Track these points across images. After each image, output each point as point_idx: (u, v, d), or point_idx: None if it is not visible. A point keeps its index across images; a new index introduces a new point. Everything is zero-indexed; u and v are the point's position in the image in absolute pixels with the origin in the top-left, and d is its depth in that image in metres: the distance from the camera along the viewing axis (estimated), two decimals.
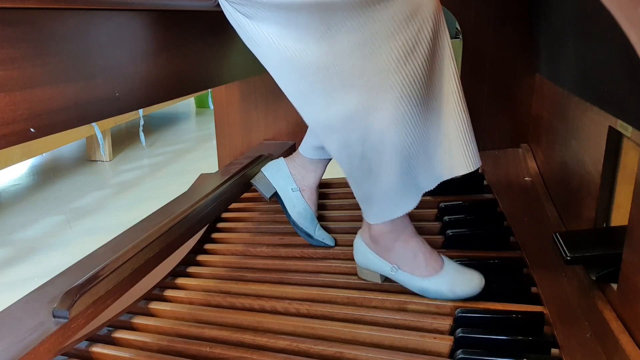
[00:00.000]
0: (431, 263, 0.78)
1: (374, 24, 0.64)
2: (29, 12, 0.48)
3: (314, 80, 0.67)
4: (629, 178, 0.68)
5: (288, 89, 0.70)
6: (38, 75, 0.49)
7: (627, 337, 0.55)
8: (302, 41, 0.65)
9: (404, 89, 0.66)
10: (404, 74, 0.66)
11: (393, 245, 0.79)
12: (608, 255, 0.63)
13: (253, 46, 0.69)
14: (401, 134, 0.68)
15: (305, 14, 0.63)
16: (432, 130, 0.71)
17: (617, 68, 0.59)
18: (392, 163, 0.70)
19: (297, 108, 0.71)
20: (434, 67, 0.69)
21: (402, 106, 0.67)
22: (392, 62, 0.65)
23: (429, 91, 0.69)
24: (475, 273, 0.77)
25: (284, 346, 0.72)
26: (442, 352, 0.69)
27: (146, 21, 0.67)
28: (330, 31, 0.64)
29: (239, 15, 0.67)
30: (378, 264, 0.82)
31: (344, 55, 0.65)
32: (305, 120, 0.72)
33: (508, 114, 1.26)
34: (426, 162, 0.72)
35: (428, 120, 0.70)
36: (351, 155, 0.71)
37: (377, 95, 0.66)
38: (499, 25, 1.20)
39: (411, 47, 0.65)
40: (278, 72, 0.69)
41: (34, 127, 0.50)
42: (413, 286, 0.79)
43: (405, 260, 0.79)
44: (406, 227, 0.79)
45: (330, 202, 1.18)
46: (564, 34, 0.84)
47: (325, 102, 0.68)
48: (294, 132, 1.47)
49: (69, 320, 0.63)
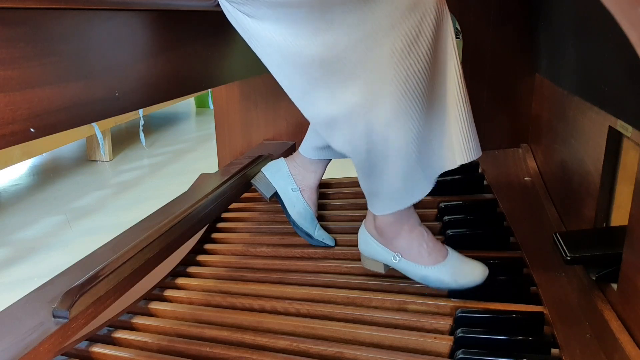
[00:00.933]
0: (434, 252, 0.78)
1: (375, 16, 0.63)
2: (29, 12, 0.48)
3: (316, 77, 0.66)
4: (629, 178, 0.68)
5: (290, 86, 0.70)
6: (37, 75, 0.49)
7: (627, 337, 0.55)
8: (303, 37, 0.65)
9: (407, 82, 0.65)
10: (407, 66, 0.65)
11: (397, 235, 0.79)
12: (608, 255, 0.63)
13: (254, 44, 0.69)
14: (407, 126, 0.67)
15: (305, 10, 0.63)
16: (436, 122, 0.70)
17: (617, 68, 0.59)
18: (398, 155, 0.69)
19: (299, 105, 0.71)
20: (438, 57, 0.68)
21: (406, 99, 0.66)
22: (394, 54, 0.64)
23: (433, 82, 0.68)
24: (479, 264, 0.77)
25: (284, 346, 0.72)
26: (442, 352, 0.69)
27: (146, 21, 0.67)
28: (330, 26, 0.64)
29: (239, 14, 0.67)
30: (381, 253, 0.81)
31: (346, 50, 0.64)
32: (307, 117, 0.72)
33: (508, 114, 1.26)
34: (430, 153, 0.71)
35: (432, 111, 0.69)
36: (356, 149, 0.70)
37: (380, 88, 0.66)
38: (499, 25, 1.20)
39: (413, 38, 0.64)
40: (279, 70, 0.69)
41: (34, 127, 0.50)
42: (415, 274, 0.79)
43: (408, 249, 0.79)
44: (410, 217, 0.79)
45: (330, 202, 1.18)
46: (564, 34, 0.84)
47: (327, 98, 0.68)
48: (294, 132, 1.47)
49: (69, 320, 0.63)
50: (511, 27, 1.19)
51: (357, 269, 0.90)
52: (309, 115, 0.71)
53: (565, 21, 0.82)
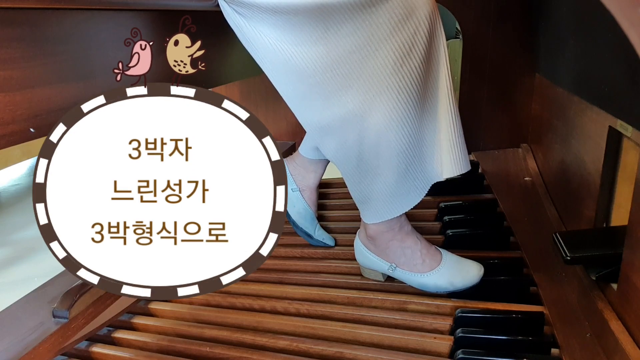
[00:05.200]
0: (428, 259, 0.78)
1: (371, 26, 0.64)
2: (29, 12, 0.48)
3: (311, 83, 0.67)
4: (629, 178, 0.68)
5: (285, 91, 0.70)
6: (38, 75, 0.49)
7: (627, 337, 0.55)
8: (300, 44, 0.65)
9: (401, 91, 0.66)
10: (401, 76, 0.66)
11: (389, 245, 0.79)
12: (608, 255, 0.63)
13: (250, 48, 0.69)
14: (398, 135, 0.68)
15: (302, 17, 0.63)
16: (428, 131, 0.71)
17: (617, 68, 0.59)
18: (389, 164, 0.70)
19: (294, 110, 0.71)
20: (430, 68, 0.69)
21: (399, 107, 0.67)
22: (389, 63, 0.65)
23: (426, 92, 0.69)
24: (474, 263, 0.78)
25: (284, 346, 0.72)
26: (442, 352, 0.69)
27: (146, 21, 0.67)
28: (327, 34, 0.64)
29: (237, 17, 0.67)
30: (377, 263, 0.82)
31: (342, 57, 0.65)
32: (301, 122, 0.72)
33: (508, 114, 1.26)
34: (422, 163, 0.72)
35: (424, 121, 0.70)
36: (348, 156, 0.71)
37: (374, 97, 0.66)
38: (499, 25, 1.20)
39: (408, 48, 0.65)
40: (275, 74, 0.69)
41: (34, 127, 0.50)
42: (412, 282, 0.80)
43: (402, 258, 0.79)
44: (402, 226, 0.79)
45: (330, 202, 1.18)
46: (564, 34, 0.84)
47: (322, 104, 0.68)
48: (294, 132, 1.47)
49: (69, 320, 0.63)
50: (511, 26, 1.19)
51: (357, 269, 0.90)
52: (303, 120, 0.72)
53: (565, 21, 0.82)
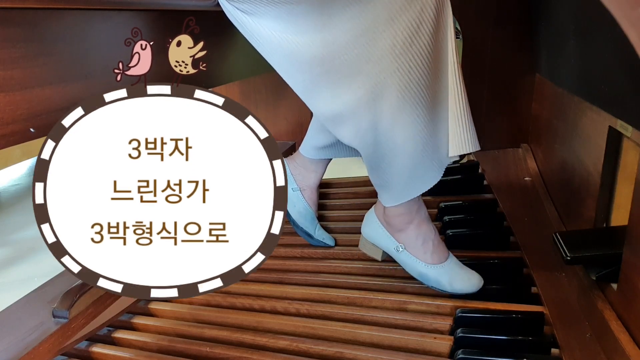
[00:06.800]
0: (437, 252, 0.78)
1: (374, 8, 0.62)
2: (29, 12, 0.48)
3: (319, 72, 0.66)
4: (629, 178, 0.68)
5: (294, 82, 0.70)
6: (38, 75, 0.49)
7: (627, 337, 0.55)
8: (304, 34, 0.64)
9: (410, 73, 0.65)
10: (411, 55, 0.64)
11: (405, 227, 0.79)
12: (608, 255, 0.63)
13: (255, 43, 0.69)
14: (413, 117, 0.67)
15: (304, 6, 0.62)
16: (442, 109, 0.69)
17: (617, 68, 0.59)
18: (405, 146, 0.69)
19: (305, 101, 0.71)
20: (438, 46, 0.67)
21: (412, 88, 0.65)
22: (396, 45, 0.64)
23: (435, 72, 0.67)
24: (476, 274, 0.77)
25: (284, 346, 0.72)
26: (442, 352, 0.69)
27: (147, 21, 0.67)
28: (330, 21, 0.63)
29: (239, 13, 0.67)
30: (385, 240, 0.81)
31: (347, 44, 0.64)
32: (314, 112, 0.71)
33: (508, 114, 1.26)
34: (437, 142, 0.71)
35: (437, 99, 0.69)
36: (364, 142, 0.70)
37: (384, 80, 0.65)
38: (499, 25, 1.20)
39: (415, 28, 0.64)
40: (282, 67, 0.69)
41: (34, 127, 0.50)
42: (414, 269, 0.80)
43: (413, 242, 0.79)
44: (420, 210, 0.79)
45: (331, 202, 1.18)
46: (564, 34, 0.83)
47: (332, 92, 0.67)
48: (294, 132, 1.47)
49: (69, 320, 0.63)
50: (511, 26, 1.19)
51: (357, 269, 0.90)
52: (315, 110, 0.71)
53: (565, 21, 0.82)
